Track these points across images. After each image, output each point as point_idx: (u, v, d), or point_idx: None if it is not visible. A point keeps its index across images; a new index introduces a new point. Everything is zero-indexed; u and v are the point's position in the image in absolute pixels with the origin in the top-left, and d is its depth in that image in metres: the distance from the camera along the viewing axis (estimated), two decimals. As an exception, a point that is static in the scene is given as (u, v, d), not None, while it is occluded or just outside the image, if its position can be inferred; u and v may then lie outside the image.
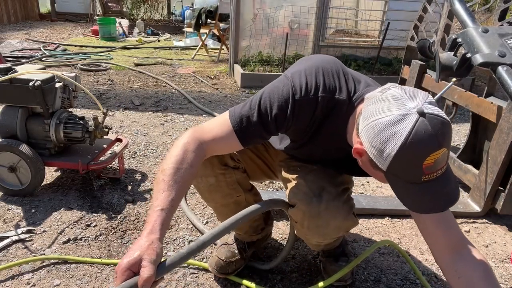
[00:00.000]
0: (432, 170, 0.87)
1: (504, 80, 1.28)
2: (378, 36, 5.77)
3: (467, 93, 2.32)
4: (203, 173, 1.31)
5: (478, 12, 3.84)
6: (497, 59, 1.31)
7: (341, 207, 1.23)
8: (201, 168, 1.27)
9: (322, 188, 1.22)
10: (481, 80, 5.14)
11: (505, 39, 1.35)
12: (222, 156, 1.30)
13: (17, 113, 1.93)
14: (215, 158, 1.29)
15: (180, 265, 1.10)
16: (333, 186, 1.24)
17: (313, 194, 1.20)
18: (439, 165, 0.87)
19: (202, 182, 1.34)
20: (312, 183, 1.23)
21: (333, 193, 1.22)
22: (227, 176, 1.34)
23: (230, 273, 1.49)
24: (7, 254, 1.58)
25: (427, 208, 0.95)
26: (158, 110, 3.51)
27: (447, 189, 0.91)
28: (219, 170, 1.32)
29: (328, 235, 1.29)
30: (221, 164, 1.32)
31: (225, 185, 1.35)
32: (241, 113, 1.10)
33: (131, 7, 10.17)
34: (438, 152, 0.85)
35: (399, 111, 0.85)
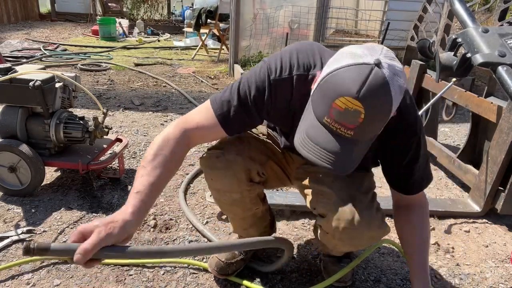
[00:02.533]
0: (337, 119, 0.84)
1: (504, 80, 1.28)
2: (378, 36, 5.77)
3: (467, 93, 2.32)
4: (229, 188, 1.27)
5: (478, 12, 3.83)
6: (497, 59, 1.31)
7: (375, 216, 1.19)
8: (227, 183, 1.25)
9: (352, 197, 1.17)
10: (481, 80, 5.14)
11: (505, 39, 1.35)
12: (249, 171, 1.26)
13: (17, 113, 1.93)
14: (243, 174, 1.24)
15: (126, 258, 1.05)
16: (363, 194, 1.21)
17: (345, 204, 1.15)
18: (346, 119, 0.83)
19: (225, 197, 1.31)
20: (341, 192, 1.18)
21: (365, 202, 1.19)
22: (251, 192, 1.31)
23: (230, 274, 1.49)
24: (7, 254, 1.58)
25: (310, 152, 0.89)
26: (158, 110, 3.51)
27: (343, 153, 0.87)
28: (246, 186, 1.27)
29: (360, 245, 1.26)
30: (248, 180, 1.27)
31: (248, 201, 1.33)
32: (221, 99, 1.11)
33: (131, 7, 10.17)
34: (354, 103, 0.81)
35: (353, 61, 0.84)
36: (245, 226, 1.46)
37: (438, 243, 1.82)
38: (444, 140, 3.20)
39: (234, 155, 1.23)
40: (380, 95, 0.83)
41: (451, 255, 1.76)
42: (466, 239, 1.88)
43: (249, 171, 1.26)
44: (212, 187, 1.30)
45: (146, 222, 1.84)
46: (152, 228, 1.80)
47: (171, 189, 2.15)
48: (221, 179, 1.25)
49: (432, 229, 1.93)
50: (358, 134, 0.86)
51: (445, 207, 2.07)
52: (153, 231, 1.78)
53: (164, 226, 1.82)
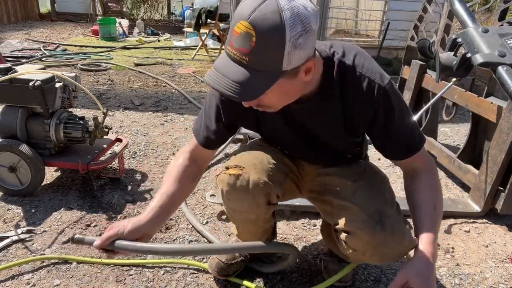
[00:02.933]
0: (235, 44, 0.86)
1: (504, 80, 1.28)
2: (378, 36, 5.78)
3: (467, 93, 2.32)
4: (246, 209, 1.24)
5: (478, 12, 3.84)
6: (497, 59, 1.31)
7: (406, 230, 1.15)
8: (245, 206, 1.23)
9: (380, 212, 1.13)
10: (481, 80, 5.14)
11: (505, 39, 1.35)
12: (269, 195, 1.23)
13: (17, 113, 1.93)
14: (263, 198, 1.21)
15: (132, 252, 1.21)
16: (390, 207, 1.17)
17: (374, 221, 1.11)
18: (241, 43, 0.84)
19: (241, 217, 1.30)
20: (366, 207, 1.14)
21: (393, 216, 1.14)
22: (267, 213, 1.30)
23: (230, 274, 1.49)
24: (7, 254, 1.58)
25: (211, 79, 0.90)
26: (158, 110, 3.51)
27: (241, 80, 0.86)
28: (264, 209, 1.25)
29: (390, 260, 1.23)
30: (267, 204, 1.25)
31: (262, 220, 1.32)
32: (197, 116, 1.26)
33: (131, 7, 10.17)
34: (245, 25, 0.83)
35: None
36: (252, 238, 1.44)
37: (438, 243, 1.82)
38: (444, 140, 3.20)
39: (255, 176, 1.19)
40: (270, 19, 0.82)
41: (451, 255, 1.76)
42: (466, 239, 1.88)
43: (269, 195, 1.23)
44: (229, 206, 1.28)
45: (146, 222, 1.84)
46: (152, 228, 1.80)
47: (171, 189, 2.14)
48: (240, 202, 1.23)
49: (432, 229, 1.93)
50: (254, 60, 0.85)
51: (445, 207, 2.05)
52: (153, 231, 1.78)
53: (164, 226, 1.82)
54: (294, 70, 0.89)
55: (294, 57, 0.86)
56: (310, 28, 0.86)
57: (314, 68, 0.94)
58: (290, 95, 1.00)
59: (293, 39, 0.83)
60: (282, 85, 0.91)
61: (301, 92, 1.03)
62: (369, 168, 1.30)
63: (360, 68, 1.06)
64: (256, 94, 0.88)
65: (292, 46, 0.84)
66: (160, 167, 2.40)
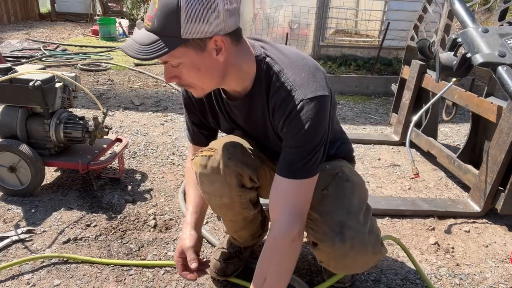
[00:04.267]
0: (147, 14, 0.94)
1: (504, 80, 1.28)
2: (378, 36, 5.77)
3: (467, 93, 2.32)
4: (219, 193, 1.25)
5: (478, 12, 3.85)
6: (497, 59, 1.31)
7: (367, 241, 1.14)
8: (217, 188, 1.23)
9: (341, 223, 1.12)
10: (481, 80, 5.14)
11: (505, 39, 1.35)
12: (242, 177, 1.24)
13: (17, 113, 1.93)
14: (234, 179, 1.22)
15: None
16: (353, 217, 1.15)
17: (334, 233, 1.11)
18: (150, 11, 0.92)
19: (216, 200, 1.29)
20: (328, 218, 1.14)
21: (355, 228, 1.13)
22: (242, 197, 1.29)
23: (229, 274, 1.49)
24: (7, 254, 1.58)
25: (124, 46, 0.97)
26: (158, 110, 3.51)
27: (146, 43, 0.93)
28: (236, 192, 1.25)
29: (356, 270, 1.26)
30: (239, 186, 1.25)
31: (238, 206, 1.31)
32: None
33: (131, 7, 10.17)
34: None
35: None
36: (236, 229, 1.45)
37: (438, 243, 1.82)
38: (444, 140, 3.20)
39: (225, 158, 1.20)
40: None
41: (451, 255, 1.76)
42: (466, 239, 1.88)
43: (241, 177, 1.23)
44: (202, 189, 1.28)
45: (146, 222, 1.84)
46: (152, 228, 1.80)
47: (171, 189, 2.15)
48: (211, 183, 1.23)
49: (432, 229, 1.93)
50: (157, 24, 0.92)
51: (445, 207, 2.07)
52: (153, 231, 1.78)
53: (164, 226, 1.82)
54: (199, 42, 0.94)
55: (193, 26, 0.91)
56: (212, 2, 0.91)
57: (225, 48, 0.97)
58: (205, 73, 1.01)
59: (189, 8, 0.89)
60: (190, 56, 0.96)
61: (220, 76, 1.04)
62: (342, 173, 1.23)
63: (285, 75, 1.04)
64: (156, 54, 0.93)
65: (189, 14, 0.90)
66: (160, 167, 2.40)
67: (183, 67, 0.99)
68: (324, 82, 1.06)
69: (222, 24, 0.94)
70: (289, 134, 1.04)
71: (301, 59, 1.09)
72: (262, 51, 1.08)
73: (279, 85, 1.04)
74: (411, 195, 2.28)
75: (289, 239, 1.06)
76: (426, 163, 2.73)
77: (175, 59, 0.97)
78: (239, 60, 1.04)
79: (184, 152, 2.64)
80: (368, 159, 2.74)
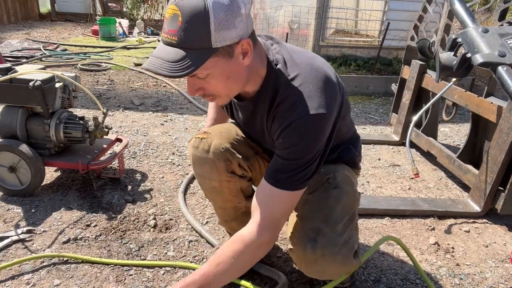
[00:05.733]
0: (166, 29, 0.91)
1: (504, 80, 1.28)
2: (378, 36, 5.78)
3: (467, 93, 2.32)
4: (208, 175, 1.30)
5: (478, 12, 3.83)
6: (497, 59, 1.31)
7: (338, 252, 1.13)
8: (207, 169, 1.28)
9: (317, 230, 1.13)
10: (481, 80, 5.14)
11: (505, 39, 1.35)
12: (230, 163, 1.27)
13: (17, 113, 1.93)
14: (222, 164, 1.26)
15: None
16: (330, 226, 1.15)
17: (308, 239, 1.13)
18: (171, 25, 0.89)
19: (206, 183, 1.33)
20: (306, 223, 1.16)
21: (330, 236, 1.13)
22: (231, 183, 1.32)
23: None
24: (7, 254, 1.58)
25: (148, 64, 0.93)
26: (158, 110, 3.51)
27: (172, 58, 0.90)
28: (225, 176, 1.29)
29: (327, 277, 1.27)
30: (228, 171, 1.28)
31: (227, 191, 1.34)
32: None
33: (131, 7, 10.17)
34: (173, 8, 0.88)
35: None
36: (226, 218, 1.46)
37: (438, 243, 1.82)
38: (444, 140, 3.20)
39: (217, 142, 1.26)
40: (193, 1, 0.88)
41: (451, 255, 1.76)
42: (466, 239, 1.88)
43: (230, 162, 1.27)
44: (194, 171, 1.34)
45: (146, 222, 1.84)
46: (152, 228, 1.80)
47: (171, 189, 2.15)
48: (201, 165, 1.28)
49: (432, 229, 1.93)
50: (183, 39, 0.89)
51: (445, 207, 2.07)
52: (153, 231, 1.78)
53: (164, 226, 1.82)
54: (228, 49, 0.93)
55: (223, 34, 0.89)
56: (236, 7, 0.90)
57: (250, 51, 0.96)
58: (233, 80, 1.00)
59: (217, 16, 0.87)
60: (220, 65, 0.94)
61: (245, 80, 1.03)
62: (333, 179, 1.23)
63: (292, 87, 1.02)
64: (190, 69, 0.90)
65: (218, 23, 0.88)
66: (160, 167, 2.40)
67: (212, 78, 0.96)
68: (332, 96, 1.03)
69: (245, 27, 0.93)
70: (283, 145, 1.05)
71: (313, 70, 1.05)
72: (275, 56, 1.07)
73: (285, 95, 1.03)
74: (411, 195, 2.28)
75: (255, 244, 1.07)
76: (426, 163, 2.73)
77: (205, 70, 0.94)
78: (256, 63, 1.04)
79: (184, 152, 2.64)
80: (368, 159, 2.74)
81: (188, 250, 1.67)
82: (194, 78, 0.97)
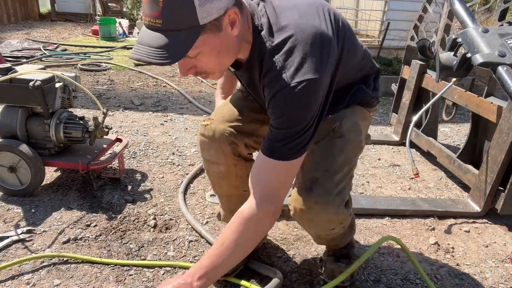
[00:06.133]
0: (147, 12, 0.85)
1: (504, 80, 1.28)
2: (378, 36, 5.78)
3: (467, 93, 2.32)
4: (215, 159, 1.32)
5: (478, 12, 3.84)
6: (497, 59, 1.31)
7: (331, 201, 1.16)
8: (213, 154, 1.31)
9: (315, 180, 1.16)
10: (481, 80, 5.14)
11: (505, 39, 1.35)
12: (236, 145, 1.29)
13: (17, 113, 1.93)
14: (228, 147, 1.28)
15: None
16: (328, 176, 1.17)
17: (304, 188, 1.16)
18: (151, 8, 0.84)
19: (213, 168, 1.35)
20: (306, 173, 1.18)
21: (325, 186, 1.16)
22: (238, 167, 1.33)
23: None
24: (7, 254, 1.58)
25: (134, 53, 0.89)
26: (158, 110, 3.51)
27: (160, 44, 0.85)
28: (231, 160, 1.31)
29: (320, 228, 1.26)
30: (234, 154, 1.30)
31: (234, 176, 1.35)
32: None
33: (131, 7, 10.17)
34: None
35: None
36: (232, 207, 1.44)
37: (438, 243, 1.82)
38: (444, 140, 3.20)
39: (221, 127, 1.27)
40: None
41: (451, 255, 1.76)
42: (466, 239, 1.88)
43: (236, 145, 1.28)
44: (202, 156, 1.36)
45: (146, 222, 1.84)
46: (152, 228, 1.80)
47: (171, 189, 2.15)
48: (208, 150, 1.32)
49: (432, 229, 1.93)
50: (167, 21, 0.84)
51: (445, 207, 2.07)
52: (153, 231, 1.78)
53: (164, 226, 1.82)
54: (216, 23, 0.89)
55: (208, 8, 0.85)
56: None
57: (238, 20, 0.93)
58: (224, 54, 0.97)
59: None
60: (210, 42, 0.90)
61: (236, 51, 1.01)
62: (339, 127, 1.21)
63: (277, 55, 0.98)
64: (181, 53, 0.87)
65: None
66: (160, 167, 2.40)
67: (203, 56, 0.93)
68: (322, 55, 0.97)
69: None
70: (274, 115, 1.03)
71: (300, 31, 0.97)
72: (260, 20, 1.01)
73: (270, 65, 0.99)
74: (411, 195, 2.28)
75: (255, 218, 1.07)
76: (426, 163, 2.73)
77: (195, 49, 0.89)
78: (244, 30, 1.00)
79: (184, 152, 2.64)
80: (368, 159, 2.74)
81: (188, 250, 1.67)
82: (184, 59, 0.92)
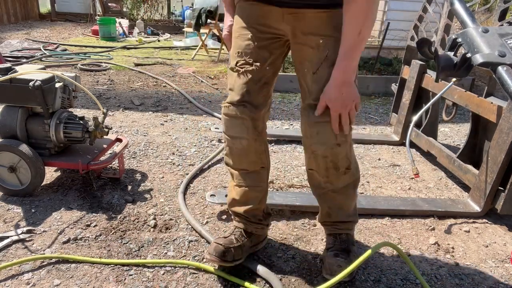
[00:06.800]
0: None
1: (504, 80, 1.28)
2: (378, 36, 5.77)
3: (467, 93, 2.32)
4: (239, 135, 1.43)
5: (478, 12, 3.83)
6: (497, 59, 1.31)
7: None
8: (238, 130, 1.42)
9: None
10: (481, 80, 5.14)
11: (505, 39, 1.35)
12: (256, 120, 1.41)
13: (17, 113, 1.93)
14: (250, 122, 1.40)
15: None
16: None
17: (310, 107, 1.34)
18: None
19: (236, 143, 1.45)
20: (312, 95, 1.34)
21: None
22: (257, 143, 1.45)
23: (229, 261, 1.47)
24: (7, 254, 1.58)
25: None
26: (158, 110, 3.51)
27: None
28: (253, 135, 1.42)
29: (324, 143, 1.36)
30: (254, 128, 1.41)
31: (253, 152, 1.46)
32: None
33: (131, 7, 10.17)
34: None
35: None
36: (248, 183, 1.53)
37: (438, 243, 1.82)
38: (444, 140, 3.20)
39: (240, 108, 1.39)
40: None
41: (451, 255, 1.76)
42: (466, 239, 1.88)
43: (254, 119, 1.41)
44: (226, 134, 1.47)
45: (146, 222, 1.84)
46: (152, 228, 1.80)
47: (171, 189, 2.15)
48: (232, 127, 1.44)
49: (432, 229, 1.94)
50: None
51: (445, 207, 2.07)
52: (153, 231, 1.78)
53: (164, 226, 1.82)
54: None
55: None
56: None
57: None
58: None
59: None
60: None
61: None
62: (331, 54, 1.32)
63: None
64: None
65: None
66: (160, 167, 2.40)
67: None
68: None
69: None
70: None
71: None
72: None
73: None
74: (411, 195, 2.28)
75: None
76: (426, 163, 2.73)
77: None
78: None
79: (184, 152, 2.64)
80: (368, 159, 2.74)
81: (188, 250, 1.67)
82: None
